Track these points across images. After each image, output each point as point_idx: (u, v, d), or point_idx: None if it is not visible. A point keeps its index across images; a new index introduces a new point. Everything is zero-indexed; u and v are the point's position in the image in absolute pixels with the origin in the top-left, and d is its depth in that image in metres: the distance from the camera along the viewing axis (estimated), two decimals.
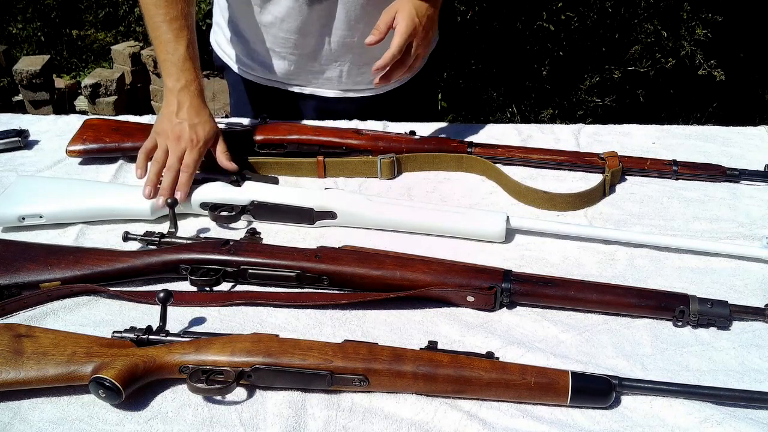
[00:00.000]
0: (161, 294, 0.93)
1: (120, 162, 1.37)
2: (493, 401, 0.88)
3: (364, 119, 1.53)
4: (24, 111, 3.72)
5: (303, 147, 1.37)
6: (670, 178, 1.36)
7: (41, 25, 4.54)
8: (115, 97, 3.88)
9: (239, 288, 1.08)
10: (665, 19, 2.94)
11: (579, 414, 0.87)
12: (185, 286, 1.06)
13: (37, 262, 1.05)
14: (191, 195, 1.21)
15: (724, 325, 1.01)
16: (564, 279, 1.04)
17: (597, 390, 0.87)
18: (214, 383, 0.86)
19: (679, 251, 1.16)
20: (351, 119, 1.53)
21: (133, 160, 1.36)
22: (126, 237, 1.12)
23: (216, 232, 1.21)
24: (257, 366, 0.87)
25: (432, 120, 1.57)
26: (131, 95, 4.05)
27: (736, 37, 3.13)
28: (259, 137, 1.37)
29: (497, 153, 1.38)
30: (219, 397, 0.88)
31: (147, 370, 0.87)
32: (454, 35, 3.14)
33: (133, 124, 1.42)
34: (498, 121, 3.21)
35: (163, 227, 1.17)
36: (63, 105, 3.96)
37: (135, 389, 0.87)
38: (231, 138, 1.31)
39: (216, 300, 1.04)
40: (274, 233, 1.19)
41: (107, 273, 1.05)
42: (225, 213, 1.20)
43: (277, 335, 0.90)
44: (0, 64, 4.03)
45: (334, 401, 0.88)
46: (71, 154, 1.36)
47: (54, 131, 1.50)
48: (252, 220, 1.23)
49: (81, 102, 4.03)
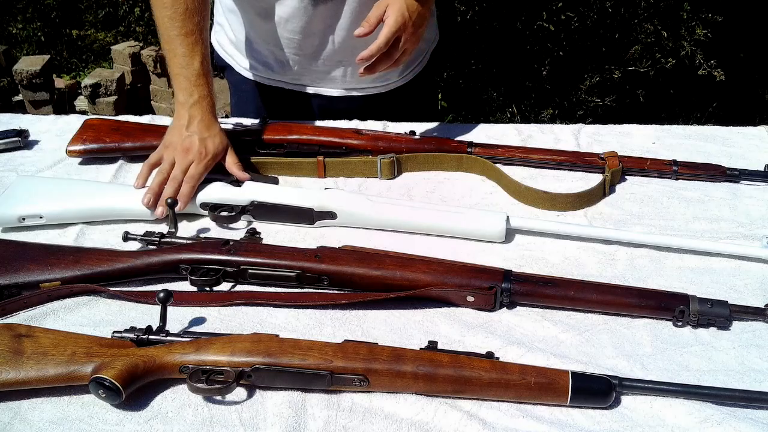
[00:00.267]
0: (161, 294, 0.93)
1: (120, 162, 1.37)
2: (493, 401, 0.88)
3: (364, 119, 1.53)
4: (24, 111, 3.72)
5: (303, 147, 1.37)
6: (670, 178, 1.36)
7: (41, 25, 4.53)
8: (115, 97, 3.88)
9: (239, 288, 1.08)
10: (665, 19, 2.94)
11: (579, 414, 0.87)
12: (185, 286, 1.06)
13: (37, 262, 1.05)
14: None
15: (724, 325, 1.01)
16: (564, 279, 1.04)
17: (597, 390, 0.87)
18: (214, 383, 0.86)
19: (679, 251, 1.16)
20: (352, 119, 1.53)
21: (134, 160, 1.36)
22: (126, 237, 1.12)
23: (216, 232, 1.21)
24: (257, 366, 0.87)
25: (432, 120, 1.57)
26: (131, 95, 4.04)
27: (736, 37, 3.12)
28: (259, 137, 1.37)
29: (497, 153, 1.38)
30: (219, 397, 0.88)
31: (147, 370, 0.87)
32: (454, 35, 3.14)
33: (133, 124, 1.42)
34: (498, 121, 3.22)
35: (163, 227, 1.17)
36: (63, 105, 3.96)
37: (135, 389, 0.87)
38: (231, 138, 1.31)
39: (216, 300, 1.04)
40: (274, 233, 1.19)
41: (107, 273, 1.05)
42: (225, 213, 1.20)
43: (277, 335, 0.90)
44: (0, 64, 4.03)
45: (334, 401, 0.88)
46: (71, 154, 1.36)
47: (54, 131, 1.50)
48: (252, 220, 1.23)
49: (81, 102, 4.03)
